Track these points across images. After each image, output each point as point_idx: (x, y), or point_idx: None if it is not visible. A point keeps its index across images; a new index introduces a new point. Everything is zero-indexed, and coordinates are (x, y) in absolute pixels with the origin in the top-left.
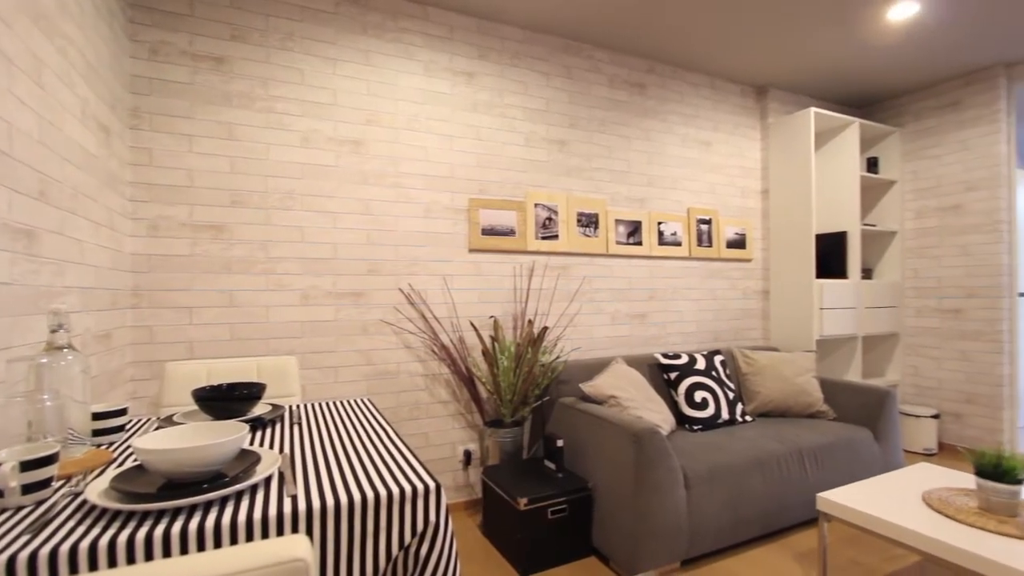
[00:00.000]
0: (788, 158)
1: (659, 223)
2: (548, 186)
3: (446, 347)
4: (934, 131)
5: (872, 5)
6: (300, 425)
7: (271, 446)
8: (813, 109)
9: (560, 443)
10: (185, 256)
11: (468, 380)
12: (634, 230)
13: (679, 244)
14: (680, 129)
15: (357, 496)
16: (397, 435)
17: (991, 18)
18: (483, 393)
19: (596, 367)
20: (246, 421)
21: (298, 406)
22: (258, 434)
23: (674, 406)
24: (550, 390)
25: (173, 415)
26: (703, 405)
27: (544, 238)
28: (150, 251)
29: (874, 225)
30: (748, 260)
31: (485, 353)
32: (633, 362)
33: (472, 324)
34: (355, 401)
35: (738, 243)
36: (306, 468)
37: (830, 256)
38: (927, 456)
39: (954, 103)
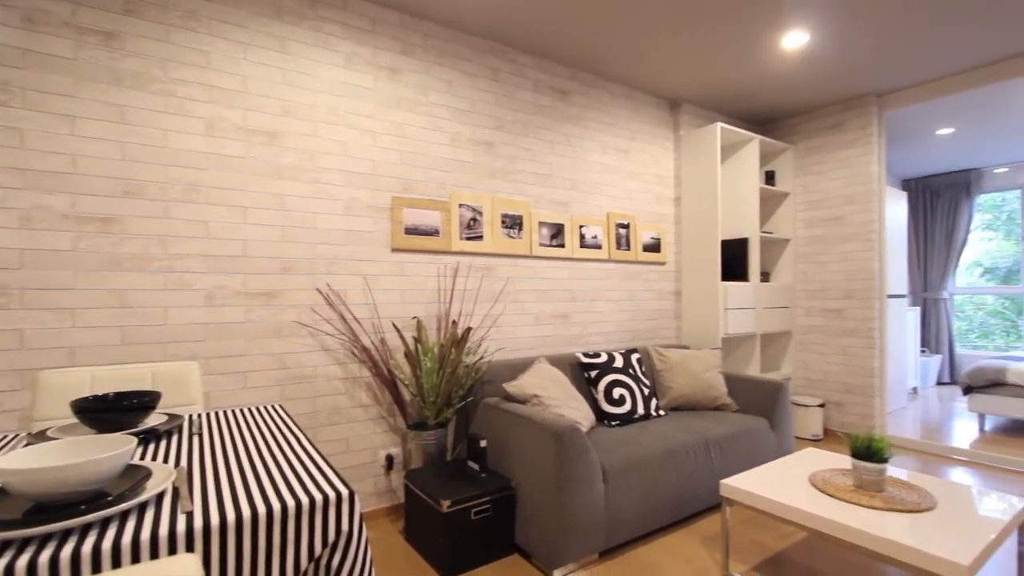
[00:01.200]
0: (698, 168)
1: (581, 226)
2: (473, 187)
3: (367, 349)
4: (820, 149)
5: (769, 33)
6: (200, 435)
7: (165, 460)
8: (720, 124)
9: (483, 443)
10: (67, 251)
11: (390, 383)
12: (557, 232)
13: (599, 247)
14: (600, 136)
15: (262, 508)
16: (309, 442)
17: (865, 53)
18: (406, 395)
19: (520, 367)
20: (136, 434)
21: (199, 415)
22: (151, 447)
23: (594, 403)
24: (474, 391)
25: (47, 430)
26: (621, 401)
27: (469, 239)
28: (22, 245)
29: (771, 233)
30: (662, 263)
31: (408, 355)
32: (555, 361)
33: (394, 325)
34: (265, 408)
35: (653, 247)
36: (205, 481)
37: (734, 260)
38: (814, 441)
39: (836, 125)
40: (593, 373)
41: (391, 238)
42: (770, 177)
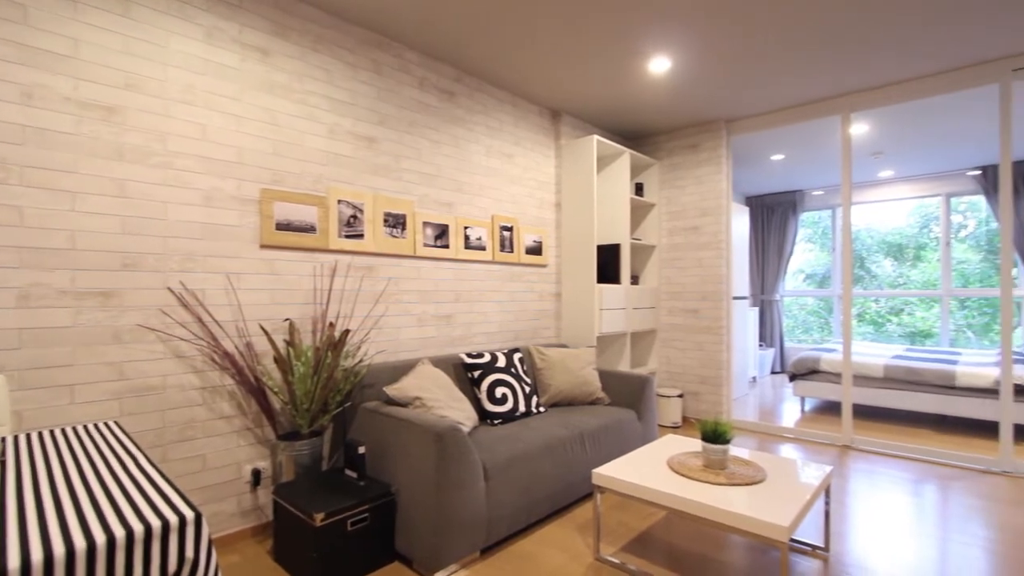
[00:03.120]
0: (576, 177)
1: (465, 228)
2: (354, 183)
3: (230, 355)
4: (680, 166)
5: (637, 57)
6: (4, 463)
7: None
8: (596, 137)
9: (362, 450)
10: None
11: (257, 391)
12: (441, 233)
13: (484, 248)
14: (485, 140)
15: (81, 543)
16: (149, 461)
17: (717, 83)
18: (276, 404)
19: (403, 369)
20: None
21: (4, 439)
22: None
23: (477, 403)
24: (353, 395)
25: None
26: (503, 400)
27: (348, 236)
28: None
29: (640, 239)
30: (544, 266)
31: (278, 360)
32: (439, 363)
33: (263, 328)
34: (95, 426)
35: (535, 250)
36: (5, 518)
37: (608, 264)
38: (674, 428)
39: (693, 145)
40: (476, 373)
41: (260, 233)
42: (639, 189)
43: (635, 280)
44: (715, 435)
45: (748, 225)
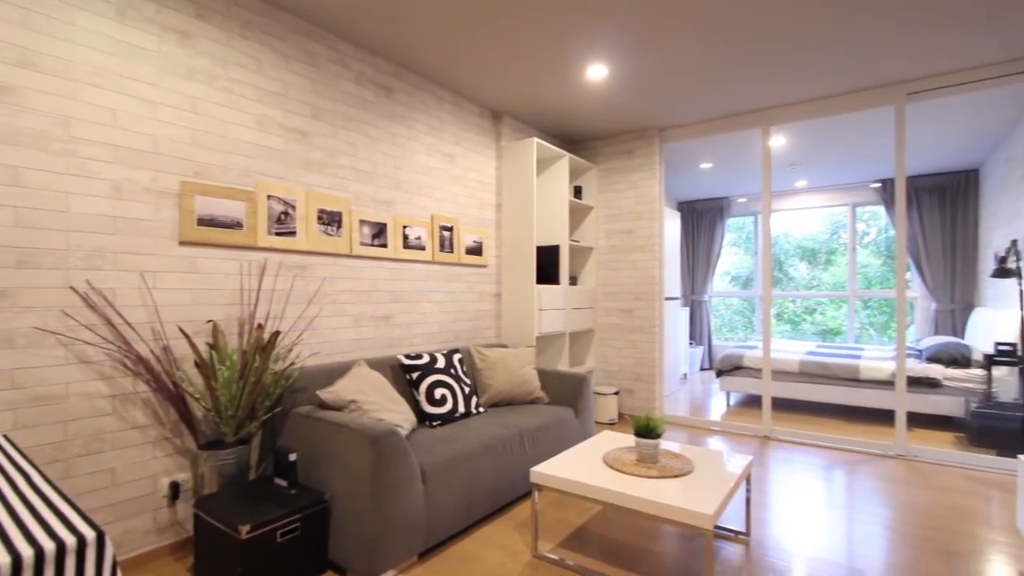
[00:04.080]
0: (516, 178)
1: (404, 227)
2: (285, 178)
3: (144, 360)
4: (617, 171)
5: (576, 63)
6: None
7: None
8: (536, 140)
9: (293, 456)
10: None
11: (177, 397)
12: (379, 232)
13: (423, 248)
14: (426, 138)
15: None
16: (44, 478)
17: (651, 91)
18: (198, 411)
19: (337, 372)
20: None
21: None
22: None
23: (416, 404)
24: (284, 400)
25: None
26: (442, 401)
27: (279, 234)
28: None
29: (578, 241)
30: (484, 266)
31: (199, 364)
32: (377, 364)
33: (182, 330)
34: None
35: (476, 250)
36: None
37: (547, 265)
38: (610, 425)
39: (629, 151)
40: (415, 375)
41: (179, 229)
42: (578, 191)
43: (574, 281)
44: (647, 430)
45: (679, 229)
